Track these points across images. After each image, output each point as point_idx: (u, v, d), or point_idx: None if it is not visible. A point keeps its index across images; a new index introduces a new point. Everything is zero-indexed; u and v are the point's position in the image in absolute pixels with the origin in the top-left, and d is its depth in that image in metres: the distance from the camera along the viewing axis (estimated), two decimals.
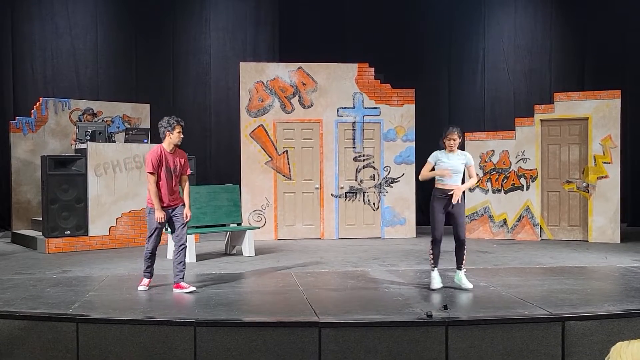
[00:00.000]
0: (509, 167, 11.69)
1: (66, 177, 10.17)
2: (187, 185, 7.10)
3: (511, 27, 14.65)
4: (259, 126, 11.87)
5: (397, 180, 12.04)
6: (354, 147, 12.06)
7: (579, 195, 11.33)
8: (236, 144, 12.22)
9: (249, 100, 11.88)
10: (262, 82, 11.90)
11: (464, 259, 7.06)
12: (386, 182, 12.06)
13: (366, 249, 10.45)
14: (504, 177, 11.72)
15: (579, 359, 5.47)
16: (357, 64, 12.11)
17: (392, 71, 12.78)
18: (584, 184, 11.27)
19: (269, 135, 11.88)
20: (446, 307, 5.82)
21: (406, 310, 5.96)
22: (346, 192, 12.03)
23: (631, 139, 13.69)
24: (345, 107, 12.03)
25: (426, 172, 6.98)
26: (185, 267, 6.96)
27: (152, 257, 6.97)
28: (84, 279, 7.67)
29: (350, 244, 11.05)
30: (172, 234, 7.07)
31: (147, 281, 6.99)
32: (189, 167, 7.23)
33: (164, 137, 6.94)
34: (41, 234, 10.38)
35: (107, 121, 12.19)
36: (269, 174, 11.86)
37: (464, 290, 6.91)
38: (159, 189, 6.86)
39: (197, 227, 9.49)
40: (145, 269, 7.01)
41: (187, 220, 7.01)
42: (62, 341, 5.46)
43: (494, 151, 11.81)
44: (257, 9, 14.47)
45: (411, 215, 12.03)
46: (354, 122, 12.04)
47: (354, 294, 6.84)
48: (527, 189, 11.55)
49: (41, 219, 10.45)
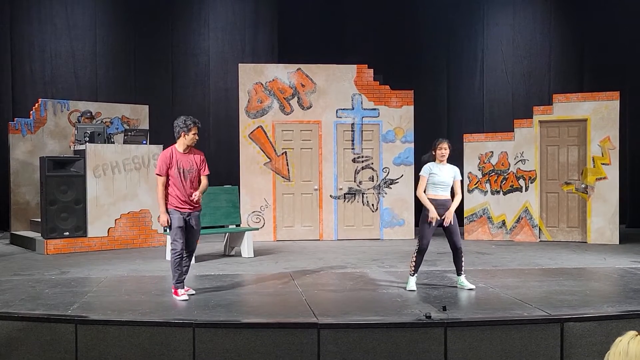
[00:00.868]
0: (508, 169, 11.70)
1: (65, 179, 10.16)
2: (204, 183, 6.74)
3: (510, 29, 14.66)
4: (258, 127, 11.87)
5: (396, 181, 12.04)
6: (352, 149, 12.06)
7: (578, 196, 11.34)
8: (235, 146, 12.22)
9: (248, 101, 11.88)
10: (261, 84, 11.90)
11: (462, 265, 7.12)
12: (385, 183, 12.06)
13: (365, 250, 10.45)
14: (503, 179, 11.73)
15: None
16: (356, 66, 12.12)
17: (391, 72, 12.80)
18: (583, 186, 11.28)
19: (267, 136, 11.88)
20: (445, 309, 5.82)
21: (405, 311, 5.96)
22: (345, 194, 12.03)
23: (630, 140, 13.70)
24: (344, 109, 12.03)
25: (422, 194, 7.00)
26: (186, 273, 6.77)
27: (181, 261, 6.57)
28: (82, 280, 7.67)
29: (349, 245, 11.05)
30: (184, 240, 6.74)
31: (182, 290, 6.58)
32: (207, 167, 6.85)
33: (179, 137, 6.72)
34: (40, 235, 10.37)
35: (106, 122, 12.18)
36: (268, 175, 11.86)
37: (463, 290, 6.92)
38: (172, 192, 6.59)
39: None
40: (177, 278, 6.54)
41: (195, 199, 6.57)
42: (61, 342, 5.46)
43: (492, 152, 11.82)
44: (256, 10, 14.47)
45: (410, 216, 12.03)
46: (353, 124, 12.04)
47: (353, 295, 6.84)
48: (525, 191, 11.55)
49: (40, 220, 10.44)
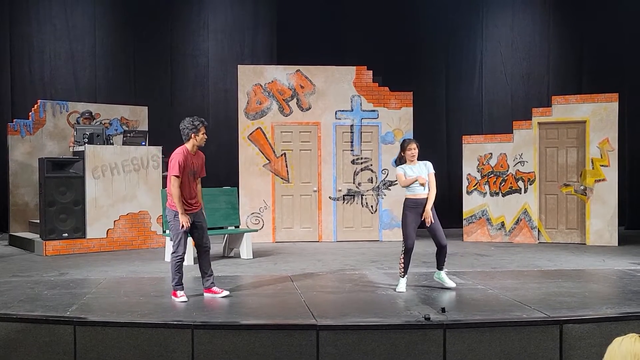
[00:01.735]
0: (507, 170, 11.70)
1: (64, 180, 10.16)
2: (199, 187, 6.78)
3: (509, 30, 14.67)
4: (257, 129, 11.87)
5: (395, 183, 12.03)
6: (352, 150, 12.06)
7: (577, 198, 11.34)
8: (234, 147, 12.22)
9: (247, 103, 11.88)
10: (260, 85, 11.90)
11: (445, 260, 7.19)
12: (384, 185, 12.06)
13: (364, 251, 10.45)
14: (502, 180, 11.73)
15: None
16: (355, 67, 12.12)
17: (390, 74, 12.79)
18: (582, 187, 11.30)
19: (267, 138, 11.88)
20: (444, 310, 5.82)
21: (404, 313, 5.96)
22: (344, 195, 12.03)
23: (629, 142, 13.71)
24: (343, 110, 12.04)
25: (407, 178, 7.00)
26: (213, 271, 6.82)
27: (182, 265, 6.56)
28: (81, 282, 7.66)
29: (348, 247, 11.04)
30: (195, 241, 6.76)
31: (182, 292, 6.55)
32: (205, 170, 6.87)
33: (188, 139, 6.61)
34: (39, 236, 10.37)
35: (105, 124, 12.18)
36: (267, 177, 11.86)
37: (462, 292, 6.92)
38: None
39: None
40: (177, 281, 6.53)
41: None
42: (60, 344, 5.45)
43: (491, 154, 11.82)
44: (256, 12, 14.48)
45: None
46: (352, 125, 12.05)
47: (352, 297, 6.84)
48: (524, 192, 11.55)
49: (39, 221, 10.43)
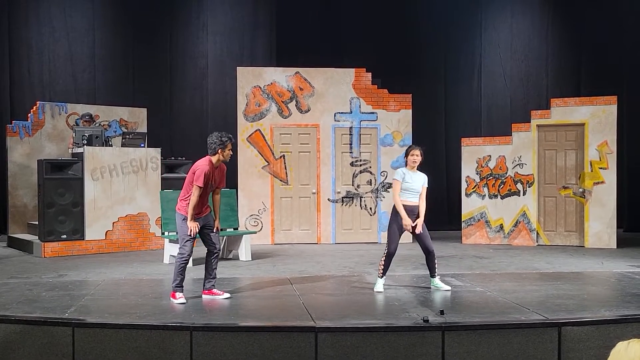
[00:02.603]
0: (506, 173, 11.71)
1: (63, 181, 10.16)
2: (218, 197, 7.01)
3: (507, 33, 14.69)
4: (256, 131, 11.88)
5: None
6: (350, 152, 12.07)
7: (576, 200, 11.36)
8: (233, 149, 12.17)
9: (246, 104, 11.89)
10: (260, 87, 11.91)
11: (436, 267, 7.20)
12: (383, 187, 12.07)
13: (363, 253, 10.45)
14: (501, 183, 11.74)
15: None
16: (354, 69, 12.13)
17: (389, 76, 12.80)
18: (581, 190, 11.32)
19: (266, 139, 11.88)
20: (443, 312, 5.82)
21: (403, 315, 5.96)
22: (343, 197, 12.04)
23: (627, 144, 13.72)
24: (342, 112, 12.04)
25: (399, 201, 7.00)
26: (216, 274, 6.89)
27: (185, 267, 6.61)
28: (80, 283, 7.65)
29: (346, 249, 11.04)
30: (206, 242, 6.83)
31: (181, 294, 6.58)
32: (224, 181, 7.09)
33: (214, 154, 6.81)
34: (37, 238, 10.36)
35: (104, 125, 12.18)
36: (266, 179, 11.86)
37: (461, 294, 6.93)
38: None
39: None
40: (178, 282, 6.58)
41: (217, 233, 6.90)
42: (58, 346, 5.45)
43: (490, 156, 11.83)
44: (255, 14, 14.48)
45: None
46: (351, 127, 12.05)
47: (351, 299, 6.84)
48: (523, 195, 11.56)
49: (37, 223, 10.43)
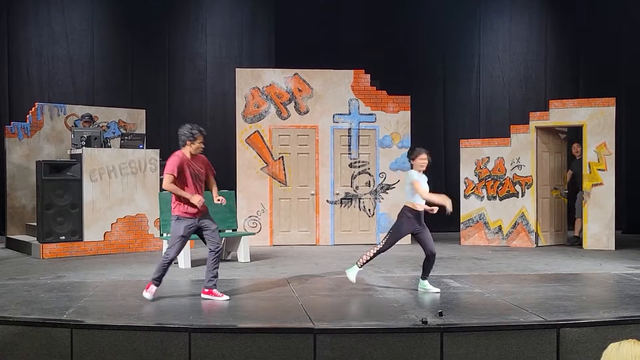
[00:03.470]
0: (504, 174, 11.71)
1: (61, 183, 10.15)
2: (214, 183, 6.98)
3: (506, 35, 14.71)
4: (255, 132, 11.88)
5: (393, 186, 12.05)
6: (349, 154, 12.07)
7: (561, 201, 11.82)
8: (232, 150, 12.22)
9: (245, 106, 11.89)
10: (258, 88, 11.91)
11: (430, 270, 7.17)
12: (382, 188, 12.07)
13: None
14: (499, 184, 11.74)
15: None
16: (353, 71, 12.13)
17: (387, 78, 12.80)
18: (566, 192, 11.77)
19: (264, 141, 11.89)
20: (441, 314, 5.81)
21: (401, 316, 5.95)
22: (342, 199, 12.04)
23: (626, 146, 13.74)
24: (341, 114, 12.05)
25: (430, 195, 6.90)
26: (218, 274, 6.79)
27: (168, 266, 6.65)
28: (78, 285, 7.65)
29: (345, 250, 11.03)
30: (208, 242, 6.79)
31: (154, 289, 6.65)
32: (212, 168, 7.02)
33: (184, 146, 6.70)
34: (36, 239, 10.35)
35: (102, 126, 12.18)
36: (265, 180, 11.86)
37: (460, 296, 6.93)
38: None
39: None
40: (157, 276, 6.62)
41: (223, 203, 6.84)
42: (56, 347, 5.44)
43: (489, 158, 11.83)
44: (253, 15, 14.49)
45: None
46: (350, 129, 12.06)
47: (349, 300, 6.84)
48: (522, 196, 11.56)
49: (36, 224, 10.41)
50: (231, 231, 9.93)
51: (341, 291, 7.33)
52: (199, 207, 6.61)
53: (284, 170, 11.93)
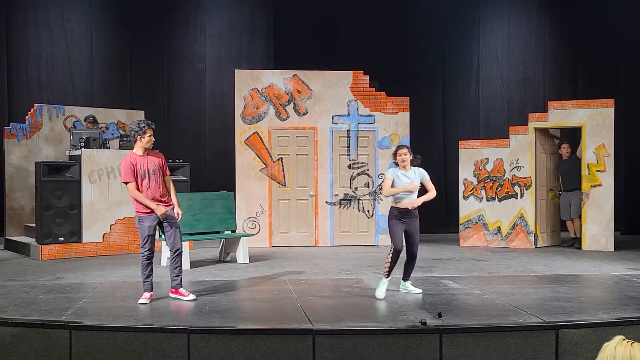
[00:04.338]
0: (503, 175, 11.72)
1: (60, 184, 10.14)
2: (171, 185, 6.90)
3: (505, 36, 14.72)
4: (254, 133, 11.88)
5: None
6: (348, 155, 12.08)
7: (554, 201, 11.81)
8: (231, 151, 12.22)
9: (244, 107, 11.89)
10: (257, 90, 11.92)
11: (411, 273, 7.19)
12: (380, 189, 12.07)
13: (360, 256, 10.45)
14: (498, 185, 11.75)
15: None
16: (352, 72, 12.14)
17: (387, 79, 12.80)
18: (559, 193, 11.77)
19: (263, 142, 11.89)
20: (440, 315, 5.81)
21: (400, 317, 5.95)
22: (341, 200, 12.04)
23: (625, 147, 13.73)
24: (340, 115, 12.05)
25: (391, 189, 6.91)
26: (181, 272, 6.79)
27: (149, 266, 6.65)
28: (77, 286, 7.64)
29: (344, 252, 11.04)
30: (167, 240, 6.88)
31: (148, 295, 6.61)
32: (168, 168, 6.98)
33: (135, 141, 6.71)
34: (34, 240, 10.34)
35: (101, 128, 12.17)
36: (264, 181, 11.86)
37: (459, 297, 6.93)
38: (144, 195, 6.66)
39: (191, 234, 9.47)
40: (144, 279, 6.64)
41: (179, 218, 6.81)
42: (55, 348, 5.44)
43: (488, 159, 11.84)
44: (252, 17, 14.49)
45: None
46: (349, 130, 12.06)
47: (348, 302, 6.83)
48: (521, 197, 11.57)
49: (35, 225, 10.41)
50: (230, 232, 9.93)
51: (340, 292, 7.33)
52: (161, 218, 6.66)
53: (283, 171, 11.93)
